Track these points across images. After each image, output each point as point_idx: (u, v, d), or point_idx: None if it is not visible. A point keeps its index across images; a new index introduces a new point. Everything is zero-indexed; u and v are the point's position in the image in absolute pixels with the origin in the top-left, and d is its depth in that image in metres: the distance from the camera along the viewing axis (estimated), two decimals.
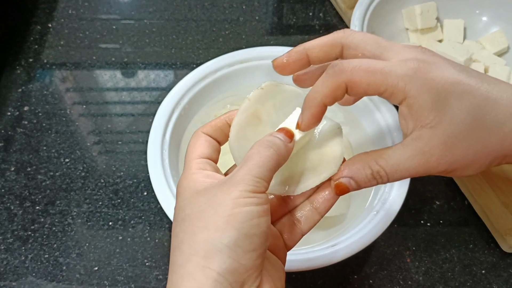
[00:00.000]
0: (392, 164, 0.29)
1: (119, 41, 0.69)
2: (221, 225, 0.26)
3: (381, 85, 0.29)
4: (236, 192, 0.27)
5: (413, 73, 0.28)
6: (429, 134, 0.29)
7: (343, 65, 0.29)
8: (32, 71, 0.66)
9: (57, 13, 0.72)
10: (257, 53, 0.57)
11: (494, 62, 0.62)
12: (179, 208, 0.29)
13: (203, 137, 0.32)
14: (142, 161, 0.58)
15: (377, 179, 0.30)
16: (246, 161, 0.28)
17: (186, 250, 0.27)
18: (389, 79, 0.29)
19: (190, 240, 0.27)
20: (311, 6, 0.74)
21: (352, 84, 0.29)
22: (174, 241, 0.28)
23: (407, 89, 0.28)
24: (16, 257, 0.51)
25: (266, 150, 0.28)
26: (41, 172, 0.57)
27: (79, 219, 0.54)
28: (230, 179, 0.28)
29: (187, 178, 0.30)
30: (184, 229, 0.27)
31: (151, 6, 0.74)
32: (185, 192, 0.29)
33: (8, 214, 0.54)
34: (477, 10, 0.67)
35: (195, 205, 0.28)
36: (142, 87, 0.65)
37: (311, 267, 0.43)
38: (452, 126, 0.28)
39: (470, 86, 0.29)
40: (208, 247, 0.26)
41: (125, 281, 0.50)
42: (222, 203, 0.27)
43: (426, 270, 0.51)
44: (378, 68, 0.29)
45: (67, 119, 0.61)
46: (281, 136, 0.30)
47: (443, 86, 0.28)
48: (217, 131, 0.33)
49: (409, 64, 0.29)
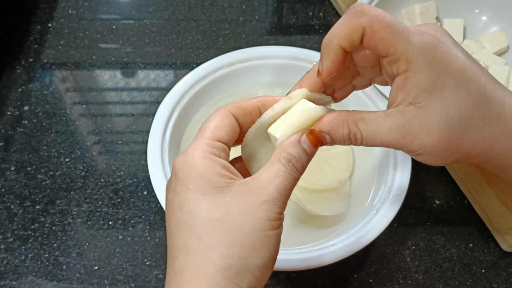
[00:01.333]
0: (370, 130, 0.29)
1: (119, 41, 0.69)
2: (258, 246, 0.26)
3: (393, 46, 0.27)
4: (271, 213, 0.26)
5: (426, 48, 0.28)
6: (414, 113, 0.28)
7: (364, 7, 0.28)
8: (32, 70, 0.66)
9: (57, 13, 0.72)
10: (257, 52, 0.57)
11: (493, 61, 0.62)
12: (193, 198, 0.26)
13: (229, 118, 0.29)
14: (142, 160, 0.58)
15: (352, 140, 0.29)
16: (276, 178, 0.27)
17: (218, 262, 0.25)
18: (404, 44, 0.27)
19: (222, 251, 0.25)
20: (311, 6, 0.74)
21: (370, 31, 0.27)
22: (192, 240, 0.26)
23: (414, 62, 0.27)
24: (16, 256, 0.51)
25: (292, 172, 0.28)
26: (41, 171, 0.57)
27: (79, 219, 0.54)
28: (261, 192, 0.26)
29: (200, 161, 0.27)
30: (212, 234, 0.26)
31: (151, 6, 0.74)
32: (199, 180, 0.27)
33: (8, 213, 0.54)
34: (476, 9, 0.67)
35: (222, 208, 0.26)
36: (142, 86, 0.65)
37: (310, 266, 0.43)
38: (438, 112, 0.28)
39: (471, 77, 0.28)
40: (242, 265, 0.25)
41: (125, 281, 0.50)
42: (259, 222, 0.26)
43: (426, 269, 0.51)
44: (399, 28, 0.27)
45: (67, 119, 0.61)
46: (307, 147, 0.29)
47: (446, 69, 0.28)
48: (246, 116, 0.30)
49: (425, 37, 0.28)
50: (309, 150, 0.29)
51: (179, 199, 0.27)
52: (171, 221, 0.27)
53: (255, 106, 0.30)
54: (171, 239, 0.27)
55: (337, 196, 0.50)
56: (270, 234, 0.26)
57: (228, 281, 0.25)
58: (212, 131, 0.28)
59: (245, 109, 0.30)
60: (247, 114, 0.30)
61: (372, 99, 0.55)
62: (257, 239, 0.26)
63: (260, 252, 0.26)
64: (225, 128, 0.29)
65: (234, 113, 0.30)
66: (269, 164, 0.28)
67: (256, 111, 0.30)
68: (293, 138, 0.29)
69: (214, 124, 0.29)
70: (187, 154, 0.28)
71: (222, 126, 0.29)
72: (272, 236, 0.26)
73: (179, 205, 0.27)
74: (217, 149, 0.28)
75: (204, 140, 0.28)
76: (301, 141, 0.29)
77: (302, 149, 0.29)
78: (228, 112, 0.29)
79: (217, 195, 0.26)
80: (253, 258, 0.26)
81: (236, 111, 0.30)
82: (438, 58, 0.28)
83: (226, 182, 0.27)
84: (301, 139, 0.29)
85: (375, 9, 0.28)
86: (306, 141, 0.29)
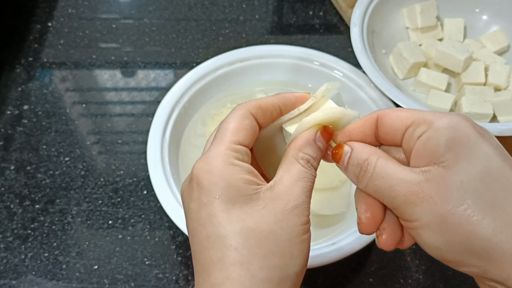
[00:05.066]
0: (386, 169, 0.26)
1: (119, 40, 0.69)
2: (296, 253, 0.25)
3: (410, 118, 0.26)
4: (303, 217, 0.26)
5: (446, 116, 0.26)
6: (436, 172, 0.24)
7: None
8: (32, 70, 0.66)
9: (57, 12, 0.72)
10: (257, 52, 0.57)
11: (494, 60, 0.62)
12: (224, 209, 0.25)
13: (250, 119, 0.28)
14: (142, 160, 0.58)
15: (362, 168, 0.27)
16: (299, 181, 0.26)
17: (259, 274, 0.24)
18: (420, 112, 0.26)
19: (262, 263, 0.25)
20: (311, 5, 0.74)
21: (382, 115, 0.28)
22: (228, 253, 0.25)
23: (434, 121, 0.25)
24: (16, 255, 0.51)
25: (312, 172, 0.27)
26: (40, 170, 0.57)
27: (78, 218, 0.53)
28: (289, 196, 0.26)
29: (226, 168, 0.26)
30: (248, 246, 0.25)
31: (151, 5, 0.73)
32: (228, 189, 0.25)
33: (8, 212, 0.54)
34: (477, 8, 0.67)
35: (256, 217, 0.25)
36: (142, 86, 0.65)
37: (311, 266, 0.43)
38: (464, 175, 0.24)
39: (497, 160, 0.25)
40: (283, 274, 0.25)
41: (125, 280, 0.49)
42: (294, 228, 0.25)
43: (426, 269, 0.51)
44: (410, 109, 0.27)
45: (66, 118, 0.61)
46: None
47: (468, 136, 0.25)
48: (266, 116, 0.29)
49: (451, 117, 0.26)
50: (323, 148, 0.29)
51: (207, 210, 0.25)
52: (200, 234, 0.26)
53: (275, 106, 0.29)
54: (203, 252, 0.26)
55: (337, 195, 0.50)
56: (305, 238, 0.26)
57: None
58: (233, 134, 0.27)
59: (265, 110, 0.28)
60: (268, 114, 0.29)
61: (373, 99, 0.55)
62: (294, 246, 0.25)
63: (298, 259, 0.26)
64: (246, 130, 0.27)
65: (254, 113, 0.28)
66: (287, 165, 0.27)
67: (277, 111, 0.29)
68: (308, 136, 0.28)
69: (235, 127, 0.27)
70: (209, 161, 0.26)
71: (243, 128, 0.27)
72: (306, 240, 0.26)
73: (209, 217, 0.25)
74: (240, 153, 0.27)
75: (226, 144, 0.27)
76: (316, 140, 0.28)
77: (318, 148, 0.28)
78: (248, 112, 0.28)
79: (248, 203, 0.25)
80: (293, 266, 0.25)
81: (257, 112, 0.28)
82: (462, 122, 0.26)
83: (255, 189, 0.26)
84: (316, 137, 0.28)
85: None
86: (320, 139, 0.28)
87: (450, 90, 0.62)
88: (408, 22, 0.66)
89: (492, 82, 0.60)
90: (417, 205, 0.25)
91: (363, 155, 0.27)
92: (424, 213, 0.24)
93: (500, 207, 0.24)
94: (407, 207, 0.25)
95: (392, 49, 0.63)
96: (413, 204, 0.25)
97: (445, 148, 0.25)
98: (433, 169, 0.25)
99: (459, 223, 0.24)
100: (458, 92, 0.61)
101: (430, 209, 0.24)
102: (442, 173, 0.24)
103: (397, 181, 0.25)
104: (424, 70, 0.60)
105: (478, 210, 0.24)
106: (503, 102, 0.57)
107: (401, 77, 0.62)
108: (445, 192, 0.24)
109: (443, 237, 0.24)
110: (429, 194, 0.24)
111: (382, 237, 0.28)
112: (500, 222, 0.24)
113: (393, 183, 0.26)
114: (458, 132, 0.25)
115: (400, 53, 0.61)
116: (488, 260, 0.24)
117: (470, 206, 0.24)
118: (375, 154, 0.27)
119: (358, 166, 0.27)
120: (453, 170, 0.24)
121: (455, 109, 0.59)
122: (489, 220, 0.24)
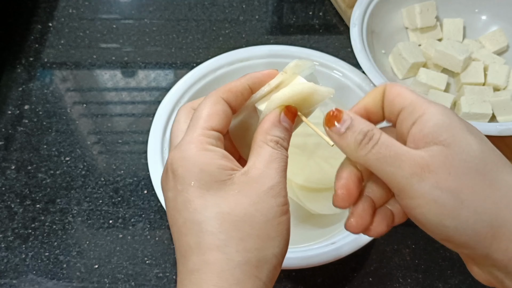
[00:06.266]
0: (390, 140, 0.26)
1: (119, 41, 0.69)
2: (273, 234, 0.25)
3: (407, 99, 0.27)
4: (280, 197, 0.26)
5: (440, 106, 0.26)
6: (438, 149, 0.25)
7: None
8: (33, 70, 0.66)
9: (57, 12, 0.72)
10: (257, 52, 0.57)
11: (493, 60, 0.62)
12: (198, 195, 0.25)
13: (221, 104, 0.28)
14: (142, 159, 0.58)
15: (367, 137, 0.26)
16: (272, 162, 0.27)
17: (236, 257, 0.25)
18: (418, 98, 0.26)
19: (238, 245, 0.25)
20: (311, 5, 0.74)
21: (388, 89, 0.28)
22: (205, 238, 0.25)
23: (429, 106, 0.26)
24: (16, 255, 0.51)
25: (284, 152, 0.27)
26: (41, 170, 0.57)
27: (79, 217, 0.54)
28: (263, 178, 0.26)
29: (199, 154, 0.26)
30: (224, 229, 0.25)
31: (151, 6, 0.74)
32: (201, 175, 0.25)
33: (8, 212, 0.54)
34: (476, 9, 0.67)
35: (230, 202, 0.25)
36: (142, 86, 0.65)
37: (310, 265, 0.43)
38: (465, 154, 0.24)
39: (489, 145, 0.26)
40: (260, 256, 0.25)
41: (125, 279, 0.50)
42: (270, 210, 0.25)
43: (426, 268, 0.51)
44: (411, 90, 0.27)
45: (67, 118, 0.61)
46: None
47: (459, 122, 0.25)
48: (238, 98, 0.29)
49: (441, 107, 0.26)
50: (289, 127, 0.29)
51: (183, 197, 0.26)
52: (177, 221, 0.26)
53: (245, 86, 0.29)
54: (180, 238, 0.26)
55: None
56: (283, 220, 0.26)
57: (247, 275, 0.25)
58: (205, 120, 0.27)
59: (235, 92, 0.29)
60: (239, 96, 0.29)
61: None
62: (271, 228, 0.25)
63: (276, 240, 0.26)
64: (218, 115, 0.27)
65: (225, 97, 0.28)
66: (257, 150, 0.27)
67: (247, 91, 0.29)
68: (273, 118, 0.28)
69: (206, 113, 0.27)
70: (183, 149, 0.26)
71: (215, 113, 0.27)
72: (285, 221, 0.26)
73: (184, 204, 0.26)
74: (213, 139, 0.27)
75: (198, 130, 0.27)
76: (281, 121, 0.28)
77: (284, 128, 0.28)
78: (219, 97, 0.28)
79: (222, 188, 0.26)
80: (270, 248, 0.25)
81: (227, 95, 0.28)
82: (452, 112, 0.26)
83: (228, 174, 0.26)
84: (280, 118, 0.28)
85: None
86: (285, 119, 0.28)
87: (450, 90, 0.62)
88: (408, 22, 0.66)
89: (491, 82, 0.60)
90: (423, 179, 0.24)
91: (366, 125, 0.27)
92: (431, 188, 0.24)
93: (499, 185, 0.24)
94: (412, 180, 0.24)
95: (392, 49, 0.63)
96: (418, 178, 0.24)
97: (442, 130, 0.25)
98: (435, 148, 0.25)
99: (467, 199, 0.24)
100: (457, 92, 0.62)
101: (437, 184, 0.24)
102: (444, 151, 0.24)
103: (404, 152, 0.25)
104: (424, 70, 0.60)
105: (482, 187, 0.24)
106: (502, 102, 0.57)
107: (400, 77, 0.62)
108: (450, 168, 0.24)
109: (450, 214, 0.24)
110: (435, 170, 0.24)
111: (350, 220, 0.28)
112: (503, 199, 0.24)
113: (400, 152, 0.25)
114: (451, 118, 0.25)
115: (399, 53, 0.61)
116: (492, 239, 0.24)
117: (475, 184, 0.24)
118: (378, 129, 0.27)
119: (362, 133, 0.26)
120: (455, 149, 0.24)
121: (454, 109, 0.59)
122: (493, 197, 0.24)
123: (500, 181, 0.24)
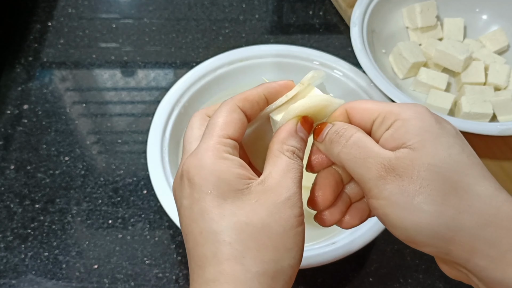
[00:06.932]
0: (360, 138, 0.27)
1: (119, 40, 0.69)
2: (290, 245, 0.25)
3: (377, 110, 0.27)
4: (296, 208, 0.26)
5: (412, 105, 0.27)
6: (405, 152, 0.25)
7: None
8: (32, 69, 0.66)
9: (57, 12, 0.72)
10: (257, 51, 0.57)
11: (494, 60, 0.62)
12: (216, 205, 0.25)
13: (237, 112, 0.28)
14: (142, 159, 0.58)
15: (337, 133, 0.28)
16: (288, 172, 0.27)
17: (253, 268, 0.24)
18: (388, 105, 0.27)
19: (256, 256, 0.24)
20: (311, 5, 0.74)
21: (350, 108, 0.29)
22: (222, 248, 0.25)
23: (400, 112, 0.26)
24: (15, 255, 0.51)
25: (299, 163, 0.27)
26: (40, 170, 0.57)
27: (78, 217, 0.53)
28: (280, 188, 0.26)
29: (216, 163, 0.26)
30: (241, 240, 0.25)
31: (151, 5, 0.73)
32: (219, 184, 0.25)
33: (7, 212, 0.54)
34: (477, 8, 0.67)
35: (248, 212, 0.25)
36: (142, 86, 0.65)
37: (310, 265, 0.43)
38: (430, 158, 0.25)
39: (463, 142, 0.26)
40: (277, 267, 0.25)
41: (125, 279, 0.50)
42: (287, 220, 0.25)
43: (426, 268, 0.51)
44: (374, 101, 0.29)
45: (66, 118, 0.61)
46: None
47: (432, 125, 0.26)
48: (253, 107, 0.29)
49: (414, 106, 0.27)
50: (305, 138, 0.29)
51: (200, 206, 0.25)
52: (193, 230, 0.26)
53: (261, 96, 0.29)
54: (196, 248, 0.26)
55: None
56: (299, 231, 0.26)
57: (264, 287, 0.25)
58: (221, 128, 0.27)
59: (251, 101, 0.28)
60: (255, 105, 0.29)
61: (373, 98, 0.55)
62: (288, 239, 0.25)
63: (293, 251, 0.25)
64: (234, 123, 0.27)
65: (241, 106, 0.28)
66: (274, 159, 0.27)
67: (263, 100, 0.29)
68: (289, 128, 0.28)
69: (223, 121, 0.27)
70: (199, 157, 0.26)
71: (231, 121, 0.27)
72: (301, 232, 0.26)
73: (201, 213, 0.25)
74: (230, 147, 0.27)
75: (215, 138, 0.27)
76: (298, 131, 0.28)
77: (301, 138, 0.28)
78: (235, 105, 0.28)
79: (240, 198, 0.25)
80: (287, 259, 0.25)
81: (243, 104, 0.28)
82: (425, 113, 0.27)
83: (246, 183, 0.26)
84: (297, 128, 0.28)
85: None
86: (302, 129, 0.29)
87: (450, 89, 0.62)
88: (408, 22, 0.66)
89: (492, 82, 0.60)
90: (388, 182, 0.25)
91: (343, 125, 0.28)
92: (393, 191, 0.25)
93: (462, 189, 0.25)
94: (378, 182, 0.26)
95: (392, 48, 0.63)
96: (384, 181, 0.25)
97: (412, 135, 0.26)
98: (402, 150, 0.26)
99: (425, 202, 0.24)
100: (458, 92, 0.61)
101: (399, 187, 0.25)
102: (410, 154, 0.25)
103: (373, 154, 0.26)
104: (424, 70, 0.60)
105: (443, 191, 0.25)
106: (503, 102, 0.57)
107: (401, 77, 0.62)
108: (413, 172, 0.25)
109: (410, 217, 0.25)
110: (399, 174, 0.25)
111: (320, 215, 0.30)
112: (463, 202, 0.24)
113: (369, 155, 0.26)
114: (423, 122, 0.26)
115: (400, 53, 0.61)
116: (451, 241, 0.25)
117: (436, 187, 0.25)
118: (355, 128, 0.28)
119: (335, 133, 0.28)
120: (420, 153, 0.25)
121: (455, 108, 0.59)
122: (453, 201, 0.24)
123: (464, 186, 0.25)
